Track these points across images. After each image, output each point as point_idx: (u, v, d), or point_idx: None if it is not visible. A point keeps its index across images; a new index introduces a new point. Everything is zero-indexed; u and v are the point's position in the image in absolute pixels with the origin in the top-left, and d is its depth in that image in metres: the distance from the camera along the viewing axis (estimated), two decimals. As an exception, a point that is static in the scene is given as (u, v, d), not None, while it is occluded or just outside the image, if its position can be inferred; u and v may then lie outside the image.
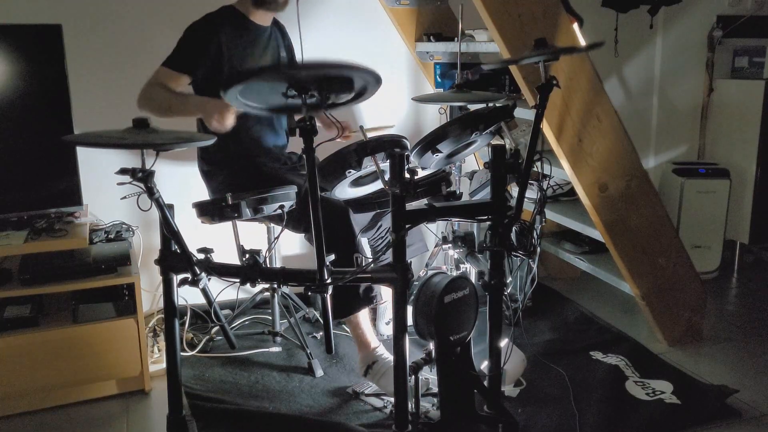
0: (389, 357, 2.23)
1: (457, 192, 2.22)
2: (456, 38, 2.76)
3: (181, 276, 1.70)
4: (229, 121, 2.12)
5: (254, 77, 1.49)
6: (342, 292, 2.10)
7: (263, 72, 1.54)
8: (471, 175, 2.67)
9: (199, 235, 2.23)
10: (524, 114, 2.61)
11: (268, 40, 2.44)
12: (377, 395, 2.24)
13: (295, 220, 2.11)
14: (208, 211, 1.94)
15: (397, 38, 3.16)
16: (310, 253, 3.15)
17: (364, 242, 2.47)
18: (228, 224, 2.39)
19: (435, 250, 2.75)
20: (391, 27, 3.13)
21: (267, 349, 2.62)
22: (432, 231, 2.68)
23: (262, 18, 2.39)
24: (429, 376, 2.17)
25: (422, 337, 1.77)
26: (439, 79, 3.13)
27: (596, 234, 2.58)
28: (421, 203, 2.04)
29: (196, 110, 2.21)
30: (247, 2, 2.34)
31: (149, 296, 2.88)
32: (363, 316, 2.25)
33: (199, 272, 1.67)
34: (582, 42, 2.50)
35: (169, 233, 1.65)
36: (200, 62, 2.25)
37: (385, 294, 2.61)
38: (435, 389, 1.98)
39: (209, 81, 2.27)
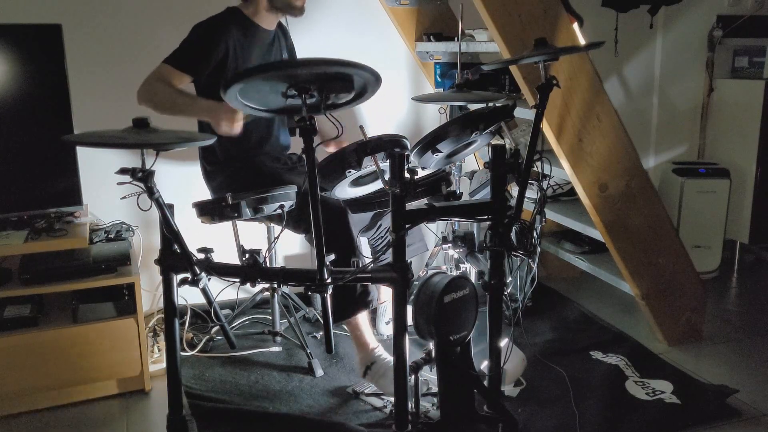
0: (388, 357, 2.23)
1: (457, 192, 2.22)
2: (456, 38, 2.76)
3: (181, 276, 1.70)
4: (238, 127, 2.12)
5: (253, 75, 1.49)
6: (339, 297, 2.10)
7: (261, 70, 1.53)
8: (471, 175, 2.67)
9: (199, 235, 2.23)
10: (524, 114, 2.61)
11: (272, 43, 2.44)
12: (377, 395, 2.24)
13: (294, 220, 2.11)
14: (208, 211, 1.94)
15: (397, 38, 3.16)
16: (310, 253, 3.15)
17: (363, 242, 2.47)
18: (228, 224, 2.40)
19: (435, 250, 2.75)
20: (391, 27, 3.13)
21: (267, 349, 2.62)
22: (432, 231, 2.68)
23: (268, 22, 2.38)
24: (429, 376, 2.17)
25: (422, 337, 1.77)
26: (439, 79, 3.13)
27: (596, 234, 2.58)
28: (421, 203, 2.04)
29: (204, 114, 2.20)
30: (254, 5, 2.33)
31: (149, 296, 2.88)
32: (362, 317, 2.25)
33: (199, 272, 1.67)
34: (582, 42, 2.50)
35: (169, 233, 1.65)
36: (206, 64, 2.24)
37: (385, 294, 2.61)
38: (435, 389, 1.98)
39: (213, 83, 2.26)
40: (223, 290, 2.44)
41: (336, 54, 3.08)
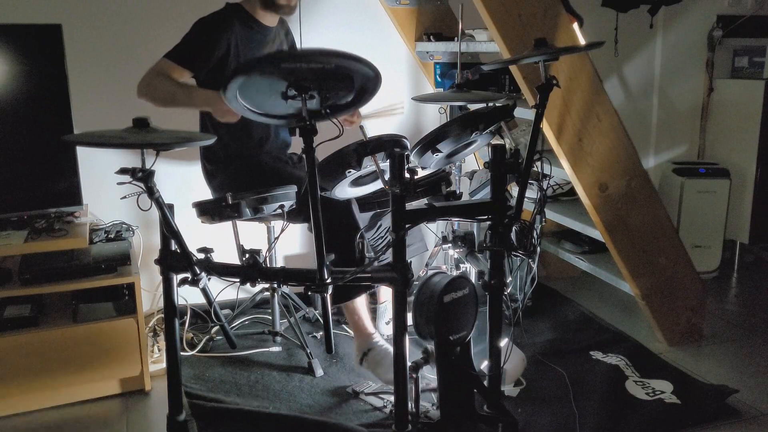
0: (385, 345, 2.23)
1: (457, 192, 2.22)
2: (456, 38, 2.76)
3: (181, 276, 1.70)
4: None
5: (251, 68, 1.48)
6: None
7: (258, 61, 1.53)
8: (471, 175, 2.67)
9: (199, 235, 2.23)
10: (524, 114, 2.62)
11: (273, 40, 2.44)
12: (377, 395, 2.24)
13: (296, 215, 2.10)
14: (208, 211, 1.94)
15: (397, 38, 3.16)
16: (310, 252, 3.15)
17: (364, 242, 2.47)
18: (228, 224, 2.40)
19: (435, 250, 2.75)
20: (391, 27, 3.13)
21: (267, 349, 2.62)
22: (432, 231, 2.68)
23: (268, 19, 2.37)
24: (429, 376, 2.17)
25: (422, 336, 1.77)
26: (439, 79, 3.13)
27: (596, 234, 2.58)
28: (421, 203, 2.05)
29: (203, 104, 2.19)
30: (254, 2, 2.33)
31: (149, 296, 2.88)
32: (360, 302, 2.24)
33: (199, 272, 1.67)
34: (582, 42, 2.50)
35: (169, 233, 1.65)
36: (207, 61, 2.23)
37: (385, 294, 2.61)
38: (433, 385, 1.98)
39: (214, 79, 2.26)
40: (223, 290, 2.44)
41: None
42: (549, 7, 2.31)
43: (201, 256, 1.70)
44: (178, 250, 1.66)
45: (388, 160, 1.63)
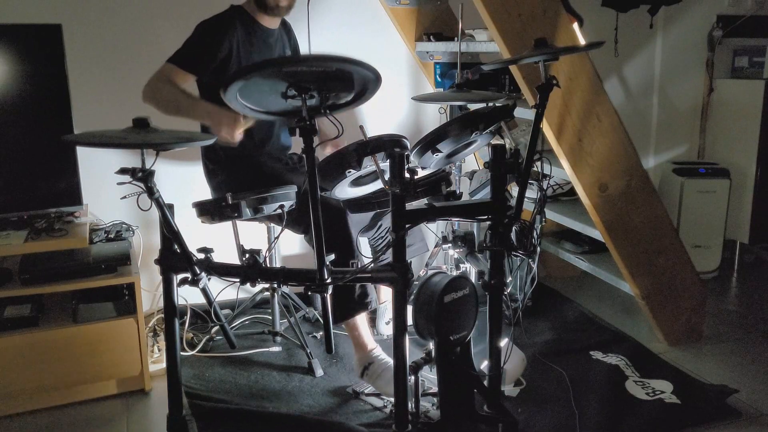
0: (386, 358, 2.24)
1: (457, 192, 2.22)
2: (456, 38, 2.76)
3: (181, 276, 1.70)
4: (238, 135, 2.10)
5: (252, 72, 1.49)
6: (337, 298, 2.10)
7: (261, 66, 1.53)
8: (471, 175, 2.67)
9: (199, 235, 2.23)
10: (524, 114, 2.61)
11: (276, 42, 2.43)
12: (377, 395, 2.24)
13: (294, 221, 2.11)
14: (208, 211, 1.94)
15: (397, 38, 3.16)
16: (310, 253, 3.14)
17: (364, 242, 2.47)
18: (228, 224, 2.40)
19: (435, 250, 2.75)
20: (391, 27, 3.13)
21: (267, 349, 2.62)
22: (432, 231, 2.68)
23: (269, 20, 2.37)
24: (429, 376, 2.17)
25: (422, 336, 1.77)
26: (439, 79, 3.13)
27: (596, 234, 2.58)
28: (421, 203, 2.04)
29: (205, 117, 2.18)
30: (253, 4, 2.33)
31: (149, 296, 2.88)
32: (360, 318, 2.25)
33: (199, 272, 1.67)
34: (582, 42, 2.50)
35: (169, 233, 1.65)
36: (210, 63, 2.23)
37: (385, 294, 2.61)
38: (434, 389, 1.98)
39: (216, 80, 2.25)
40: (223, 290, 2.44)
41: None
42: (549, 7, 2.31)
43: (201, 256, 1.70)
44: (178, 250, 1.66)
45: (388, 160, 1.63)
